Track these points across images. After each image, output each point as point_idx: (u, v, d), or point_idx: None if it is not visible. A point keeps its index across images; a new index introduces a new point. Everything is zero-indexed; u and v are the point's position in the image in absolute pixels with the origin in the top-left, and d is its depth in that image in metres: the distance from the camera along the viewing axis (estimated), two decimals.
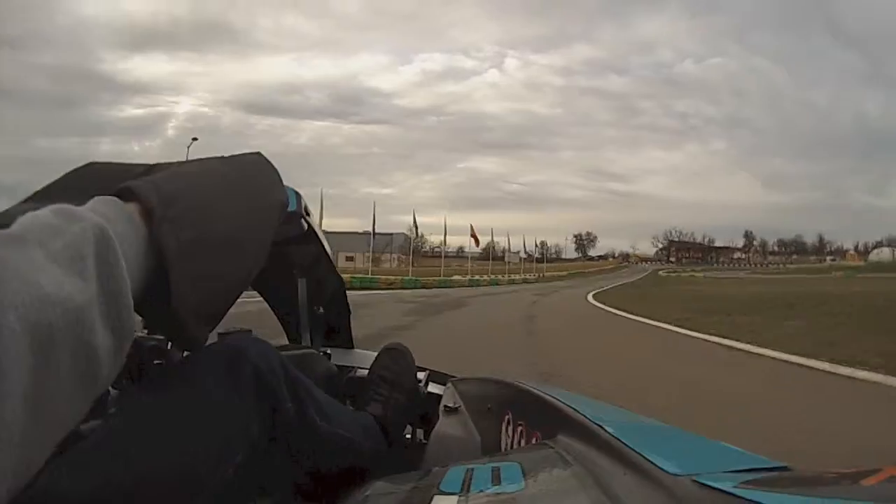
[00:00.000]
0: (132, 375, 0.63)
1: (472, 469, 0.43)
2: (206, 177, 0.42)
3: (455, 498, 0.37)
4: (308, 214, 0.88)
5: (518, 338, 6.58)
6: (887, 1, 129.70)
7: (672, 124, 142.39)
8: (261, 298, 1.28)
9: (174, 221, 0.35)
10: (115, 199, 0.32)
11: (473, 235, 37.19)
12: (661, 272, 63.24)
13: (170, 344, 0.76)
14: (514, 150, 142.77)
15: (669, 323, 7.71)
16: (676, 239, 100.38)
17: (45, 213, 0.28)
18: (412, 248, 52.34)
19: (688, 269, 75.63)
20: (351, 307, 1.25)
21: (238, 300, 0.41)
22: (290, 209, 0.81)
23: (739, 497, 0.26)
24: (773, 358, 4.68)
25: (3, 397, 0.21)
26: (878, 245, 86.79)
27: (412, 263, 43.28)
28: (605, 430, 0.41)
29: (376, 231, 33.17)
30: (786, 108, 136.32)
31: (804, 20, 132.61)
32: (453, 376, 1.04)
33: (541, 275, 46.55)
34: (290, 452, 0.54)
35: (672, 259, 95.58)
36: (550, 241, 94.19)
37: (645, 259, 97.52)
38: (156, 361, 0.68)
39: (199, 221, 0.37)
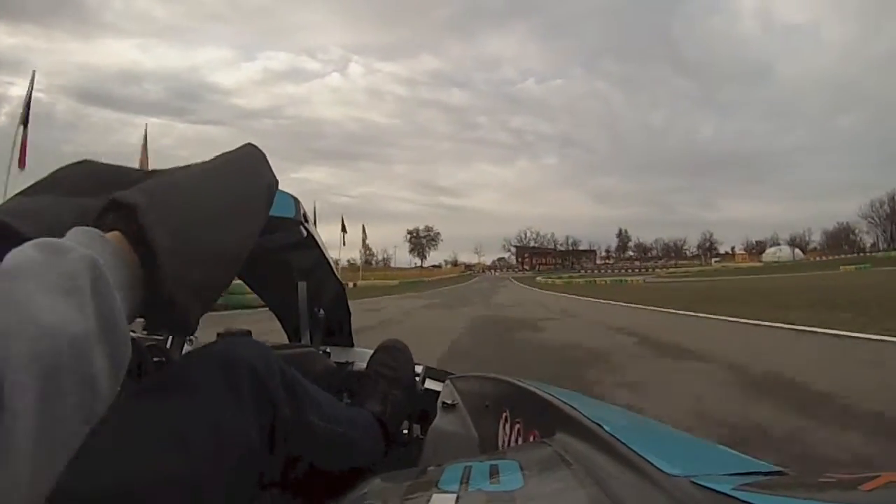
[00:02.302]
0: (131, 375, 0.63)
1: (471, 467, 0.43)
2: (191, 168, 0.44)
3: (454, 496, 0.37)
4: (307, 221, 0.88)
5: None
6: (719, 34, 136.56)
7: (507, 139, 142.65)
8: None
9: (161, 209, 0.36)
10: (96, 230, 0.33)
11: None
12: (539, 279, 52.34)
13: (169, 342, 0.76)
14: (348, 161, 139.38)
15: None
16: (532, 243, 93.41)
17: (30, 247, 0.28)
18: None
19: (563, 275, 65.42)
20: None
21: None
22: (288, 216, 0.81)
23: (736, 499, 0.27)
24: None
25: (14, 418, 0.22)
26: (759, 245, 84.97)
27: None
28: (604, 430, 0.42)
29: None
30: (621, 129, 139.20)
31: (645, 49, 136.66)
32: (451, 373, 1.04)
33: (353, 284, 34.67)
34: (289, 452, 0.55)
35: (526, 266, 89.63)
36: (377, 248, 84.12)
37: (488, 267, 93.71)
38: (155, 359, 0.68)
39: (185, 205, 0.39)
